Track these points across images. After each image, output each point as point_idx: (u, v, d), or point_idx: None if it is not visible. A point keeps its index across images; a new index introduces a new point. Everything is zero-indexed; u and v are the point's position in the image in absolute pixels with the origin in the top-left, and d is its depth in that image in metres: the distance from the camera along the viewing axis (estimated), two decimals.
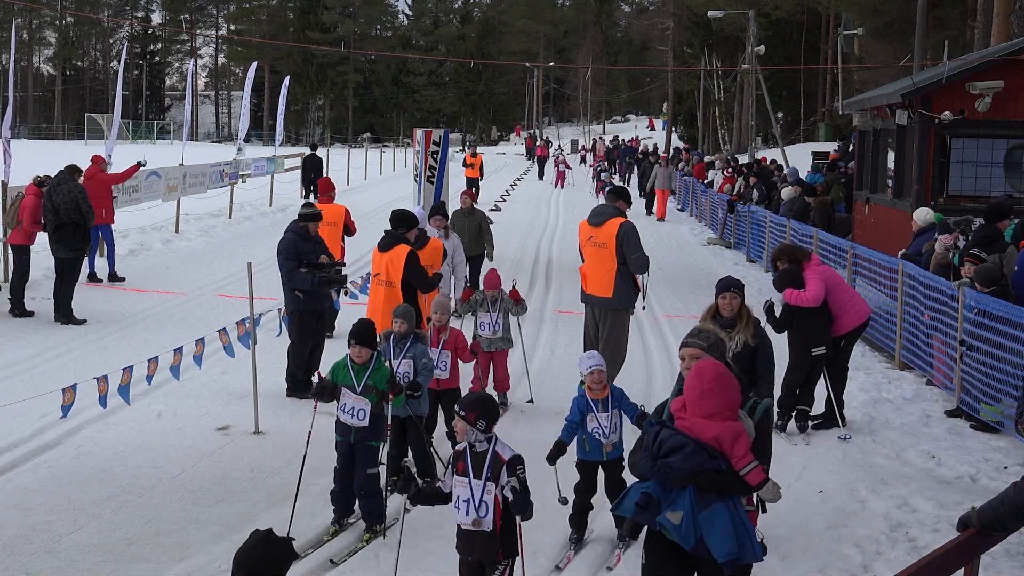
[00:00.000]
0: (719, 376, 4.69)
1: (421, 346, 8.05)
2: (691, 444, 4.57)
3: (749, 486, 4.66)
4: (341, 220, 13.57)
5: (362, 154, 48.12)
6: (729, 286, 7.79)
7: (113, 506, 7.63)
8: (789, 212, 19.64)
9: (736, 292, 7.76)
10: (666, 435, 4.64)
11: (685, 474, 4.56)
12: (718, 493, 4.56)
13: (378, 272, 9.66)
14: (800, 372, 9.68)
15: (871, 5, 38.24)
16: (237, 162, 28.61)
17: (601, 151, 57.88)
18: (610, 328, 10.20)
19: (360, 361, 7.18)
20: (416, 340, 8.05)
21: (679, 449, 4.58)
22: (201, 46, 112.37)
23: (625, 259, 9.95)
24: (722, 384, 4.68)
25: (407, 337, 8.02)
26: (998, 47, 18.42)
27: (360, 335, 7.20)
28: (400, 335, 8.03)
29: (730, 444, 4.61)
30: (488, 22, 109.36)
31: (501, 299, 10.37)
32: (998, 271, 10.16)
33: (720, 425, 4.62)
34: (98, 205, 16.75)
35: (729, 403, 4.68)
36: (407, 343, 8.00)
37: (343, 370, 7.23)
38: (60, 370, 11.23)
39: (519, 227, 27.25)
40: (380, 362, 7.29)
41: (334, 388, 7.19)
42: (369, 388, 7.16)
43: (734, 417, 4.69)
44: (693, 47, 64.88)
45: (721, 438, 4.61)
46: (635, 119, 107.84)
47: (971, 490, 8.15)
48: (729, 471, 4.60)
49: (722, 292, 7.78)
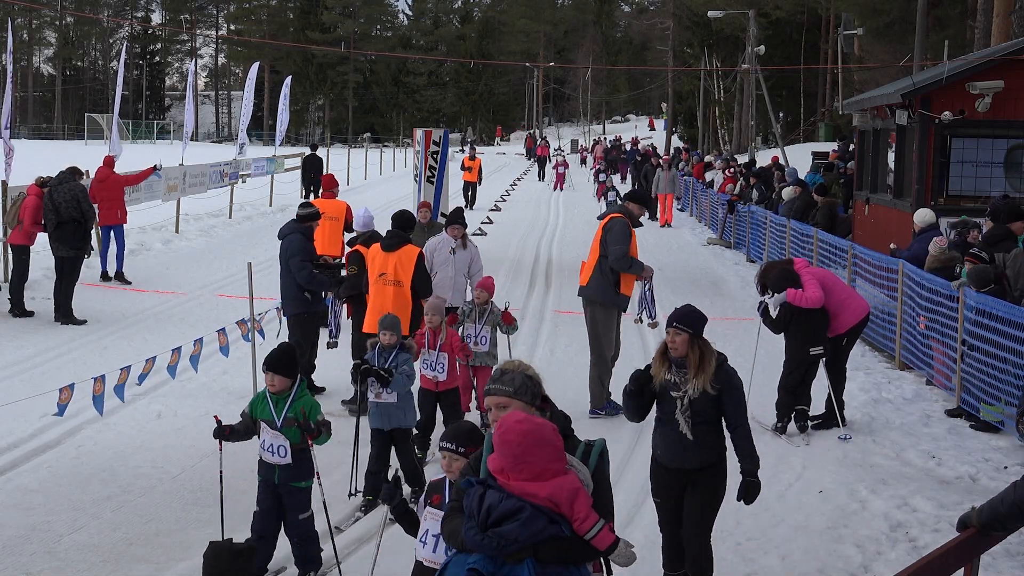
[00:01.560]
0: (526, 434, 3.89)
1: (405, 355, 7.86)
2: (528, 509, 3.83)
3: (597, 551, 3.97)
4: (343, 215, 13.94)
5: (362, 154, 48.11)
6: (673, 320, 6.16)
7: (113, 506, 7.63)
8: (789, 212, 19.64)
9: (681, 328, 6.09)
10: (495, 498, 3.86)
11: (523, 545, 3.82)
12: (562, 564, 3.91)
13: (383, 272, 9.65)
14: (797, 373, 9.68)
15: (871, 5, 38.22)
16: (237, 162, 28.61)
17: (599, 152, 56.29)
18: (589, 323, 10.40)
19: (276, 391, 6.46)
20: (402, 351, 7.84)
21: (514, 515, 3.83)
22: (201, 46, 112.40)
23: (607, 252, 10.12)
24: (533, 440, 3.89)
25: (393, 348, 7.82)
26: (998, 47, 18.42)
27: (274, 362, 6.47)
28: (387, 346, 7.82)
29: (568, 504, 3.90)
30: (488, 22, 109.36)
31: (490, 311, 9.81)
32: (990, 272, 10.17)
33: (552, 483, 3.89)
34: (112, 206, 16.84)
35: (551, 456, 3.93)
36: (392, 354, 7.79)
37: (262, 403, 6.55)
38: (60, 370, 11.23)
39: (519, 227, 27.25)
40: (302, 391, 6.57)
41: (252, 425, 6.54)
42: (290, 421, 6.44)
43: (563, 467, 3.96)
44: (693, 47, 64.88)
45: (556, 498, 3.88)
46: (635, 119, 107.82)
47: (971, 490, 8.14)
48: (574, 537, 3.90)
49: (668, 326, 6.20)
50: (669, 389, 6.09)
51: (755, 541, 7.22)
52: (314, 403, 6.58)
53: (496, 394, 4.42)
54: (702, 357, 6.05)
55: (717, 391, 6.00)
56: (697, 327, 6.13)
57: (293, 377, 6.49)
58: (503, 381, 4.43)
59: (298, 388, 6.51)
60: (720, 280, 19.54)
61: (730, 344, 13.48)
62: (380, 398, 7.70)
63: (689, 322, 6.14)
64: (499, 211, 31.33)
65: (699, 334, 6.11)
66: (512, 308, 15.94)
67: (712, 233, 27.05)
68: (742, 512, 7.72)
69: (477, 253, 11.22)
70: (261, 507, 6.58)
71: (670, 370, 6.10)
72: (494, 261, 20.49)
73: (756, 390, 10.08)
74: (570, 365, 12.01)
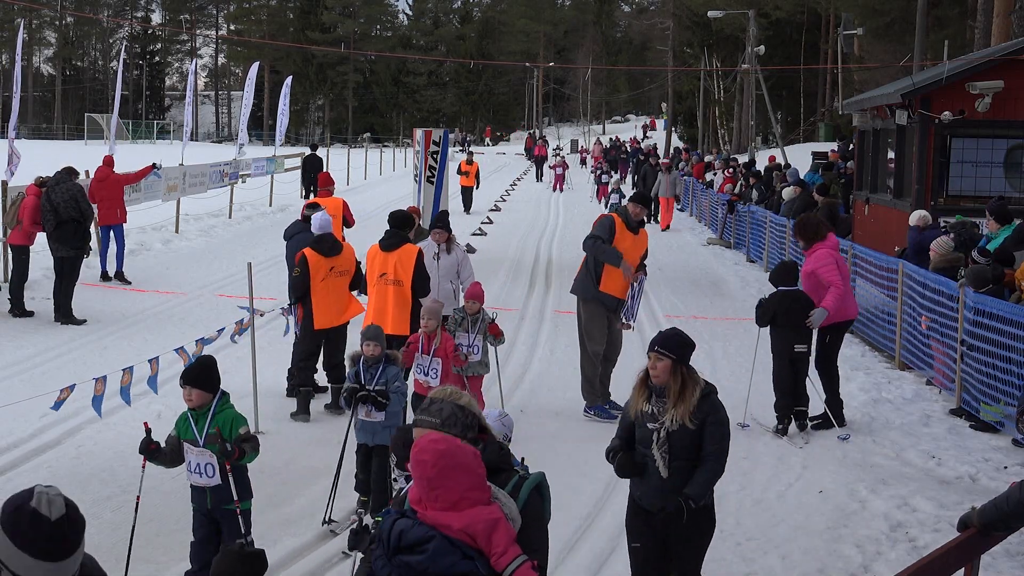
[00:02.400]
0: (441, 455, 3.57)
1: (394, 369, 7.56)
2: (437, 539, 3.52)
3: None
4: (339, 212, 14.29)
5: (362, 154, 48.11)
6: (655, 343, 5.54)
7: (113, 506, 7.63)
8: (789, 212, 19.64)
9: (663, 353, 5.44)
10: (405, 524, 3.59)
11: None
12: None
13: (384, 272, 9.65)
14: (785, 370, 9.69)
15: (871, 5, 38.24)
16: (237, 162, 28.62)
17: (597, 152, 55.39)
18: (577, 318, 10.50)
19: (194, 406, 6.06)
20: (388, 363, 7.54)
21: (422, 544, 3.53)
22: (201, 46, 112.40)
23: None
24: (449, 463, 3.56)
25: (379, 361, 7.51)
26: (998, 47, 18.42)
27: (192, 375, 6.09)
28: (372, 359, 7.52)
29: (485, 537, 3.55)
30: (488, 22, 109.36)
31: (482, 319, 9.42)
32: (988, 272, 10.19)
33: (468, 513, 3.56)
34: (112, 205, 16.87)
35: (470, 481, 3.59)
36: (379, 367, 7.49)
37: (184, 422, 6.15)
38: (60, 370, 11.23)
39: (519, 227, 27.26)
40: (223, 404, 6.13)
41: (179, 448, 6.11)
42: (212, 437, 6.01)
43: (485, 497, 3.63)
44: (693, 47, 64.88)
45: (472, 529, 3.55)
46: (635, 119, 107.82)
47: (971, 490, 8.14)
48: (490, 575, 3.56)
49: (650, 349, 5.57)
50: (646, 420, 5.49)
51: (755, 541, 7.22)
52: (236, 416, 6.14)
53: (421, 425, 4.05)
54: (683, 386, 5.42)
55: (697, 425, 5.39)
56: (681, 353, 5.46)
57: (213, 391, 6.08)
58: (430, 411, 4.07)
59: (219, 401, 6.10)
60: (720, 280, 19.54)
61: (730, 344, 13.49)
62: (370, 416, 7.47)
63: (672, 346, 5.48)
64: (499, 211, 31.33)
65: (683, 360, 5.46)
66: (512, 308, 15.99)
67: (712, 233, 27.05)
68: (742, 512, 7.73)
69: (465, 257, 10.63)
70: (197, 536, 6.20)
71: (649, 399, 5.49)
72: (494, 261, 20.51)
73: (756, 389, 10.12)
74: (570, 365, 12.01)
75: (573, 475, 8.40)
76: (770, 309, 9.75)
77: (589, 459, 8.73)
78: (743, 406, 10.10)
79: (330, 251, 9.94)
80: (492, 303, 16.00)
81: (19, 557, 2.57)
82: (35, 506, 2.62)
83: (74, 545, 2.64)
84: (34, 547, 2.57)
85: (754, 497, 8.03)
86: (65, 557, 2.61)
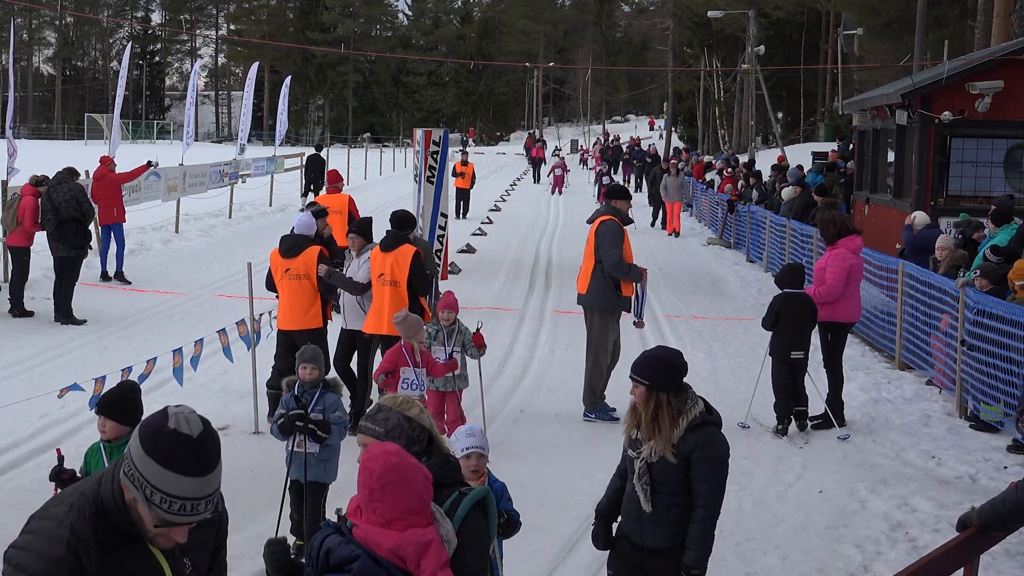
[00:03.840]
0: (391, 468, 3.41)
1: (333, 397, 6.79)
2: (363, 559, 3.38)
3: None
4: (346, 208, 15.09)
5: (362, 154, 48.11)
6: (635, 368, 4.90)
7: None
8: (789, 212, 19.65)
9: (636, 380, 4.85)
10: (333, 542, 3.44)
11: None
12: None
13: (382, 272, 9.66)
14: (781, 372, 9.68)
15: (871, 5, 38.23)
16: (237, 162, 28.62)
17: (595, 152, 53.70)
18: (589, 329, 10.29)
19: (108, 438, 5.44)
20: (327, 390, 6.79)
21: (347, 564, 3.39)
22: (201, 46, 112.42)
23: (601, 258, 10.07)
24: (396, 478, 3.39)
25: (316, 386, 6.77)
26: (998, 47, 18.43)
27: (108, 404, 5.45)
28: (309, 383, 6.78)
29: (414, 559, 3.39)
30: (488, 22, 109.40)
31: (458, 330, 8.87)
32: (998, 270, 10.19)
33: (400, 535, 3.39)
34: (109, 204, 16.89)
35: (411, 503, 3.41)
36: (316, 393, 6.74)
37: (95, 453, 5.58)
38: (60, 370, 11.23)
39: (519, 228, 27.25)
40: None
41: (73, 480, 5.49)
42: None
43: (423, 521, 3.44)
44: (693, 47, 64.88)
45: (401, 551, 3.38)
46: (635, 119, 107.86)
47: (971, 490, 8.14)
48: None
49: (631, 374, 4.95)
50: (631, 447, 4.96)
51: (755, 541, 7.22)
52: None
53: (364, 432, 3.84)
54: (655, 416, 4.77)
55: (682, 460, 4.76)
56: (655, 378, 4.79)
57: (130, 423, 5.27)
58: (376, 419, 3.85)
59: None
60: (720, 280, 19.53)
61: (730, 344, 13.49)
62: (300, 447, 6.69)
63: (647, 371, 4.83)
64: (499, 211, 31.32)
65: (659, 387, 4.78)
66: (512, 308, 15.99)
67: (712, 233, 27.05)
68: (742, 512, 7.73)
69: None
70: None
71: (637, 426, 4.92)
72: (494, 262, 20.53)
73: (759, 389, 10.12)
74: (569, 365, 12.01)
75: (573, 475, 8.40)
76: (774, 311, 9.74)
77: (589, 459, 8.73)
78: (744, 406, 10.11)
79: (287, 252, 9.76)
80: (492, 303, 16.03)
81: (168, 477, 2.64)
82: (174, 426, 2.69)
83: (216, 459, 2.73)
84: (181, 465, 2.65)
85: (754, 497, 8.03)
86: (211, 471, 2.71)
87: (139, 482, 2.69)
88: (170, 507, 2.67)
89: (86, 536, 2.73)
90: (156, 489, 2.67)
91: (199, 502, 2.70)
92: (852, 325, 10.47)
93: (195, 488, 2.68)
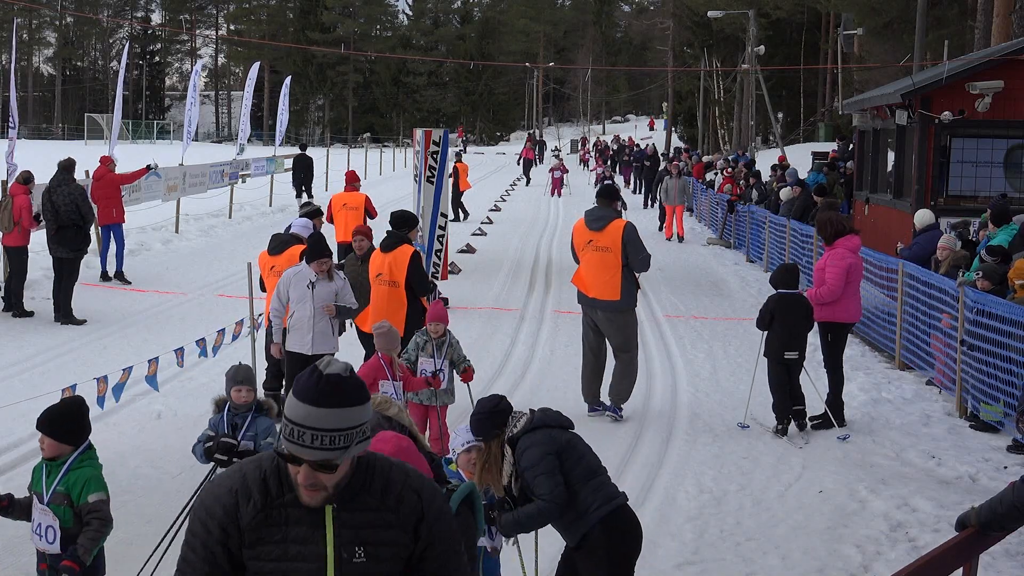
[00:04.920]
0: (403, 452, 3.57)
1: (266, 422, 6.32)
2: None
3: None
4: (362, 205, 16.23)
5: (362, 154, 48.12)
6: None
7: (113, 506, 7.60)
8: (789, 212, 19.65)
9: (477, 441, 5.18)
10: None
11: None
12: None
13: (380, 272, 9.66)
14: (778, 373, 9.67)
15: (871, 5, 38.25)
16: (237, 162, 28.62)
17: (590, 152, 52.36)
18: (619, 331, 10.17)
19: (48, 456, 5.07)
20: (259, 413, 6.32)
21: None
22: (201, 46, 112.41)
23: (628, 260, 9.99)
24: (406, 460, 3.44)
25: (249, 409, 6.29)
26: (998, 47, 18.43)
27: (47, 420, 5.06)
28: (241, 406, 6.29)
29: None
30: (488, 22, 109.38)
31: (448, 343, 8.37)
32: (1000, 271, 10.20)
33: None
34: (108, 205, 16.86)
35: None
36: (248, 418, 6.27)
37: (37, 471, 5.18)
38: (60, 370, 11.23)
39: (519, 227, 27.24)
40: (84, 460, 5.12)
41: (29, 501, 5.18)
42: (58, 497, 5.01)
43: None
44: (693, 47, 64.91)
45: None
46: (635, 119, 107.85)
47: (971, 490, 8.14)
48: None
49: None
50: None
51: (755, 541, 7.22)
52: (92, 479, 5.07)
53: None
54: (489, 461, 5.11)
55: (509, 480, 5.12)
56: (484, 432, 5.14)
57: (72, 443, 5.04)
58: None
59: (78, 456, 5.07)
60: (720, 280, 19.54)
61: (730, 344, 13.50)
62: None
63: (476, 430, 5.18)
64: (498, 211, 31.32)
65: (489, 437, 5.12)
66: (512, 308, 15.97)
67: (712, 233, 27.04)
68: (742, 512, 7.73)
69: (345, 286, 9.19)
70: None
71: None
72: (494, 261, 20.54)
73: (757, 389, 10.12)
74: (569, 365, 12.01)
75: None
76: (768, 311, 9.75)
77: None
78: (743, 406, 10.11)
79: (273, 250, 10.03)
80: (492, 303, 16.05)
81: (291, 402, 2.80)
82: (316, 364, 2.85)
83: (341, 400, 2.78)
84: (301, 391, 2.80)
85: (754, 497, 8.03)
86: (329, 406, 2.77)
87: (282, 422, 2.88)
88: (289, 432, 2.78)
89: (253, 483, 2.89)
90: (284, 417, 2.83)
91: (305, 432, 2.74)
92: (852, 325, 10.47)
93: (305, 414, 2.76)
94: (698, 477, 8.48)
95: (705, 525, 7.47)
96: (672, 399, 10.95)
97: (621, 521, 5.10)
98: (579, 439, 5.30)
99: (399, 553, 2.92)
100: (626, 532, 5.12)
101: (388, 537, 2.91)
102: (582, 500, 5.06)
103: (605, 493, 5.11)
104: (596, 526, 5.05)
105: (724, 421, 10.11)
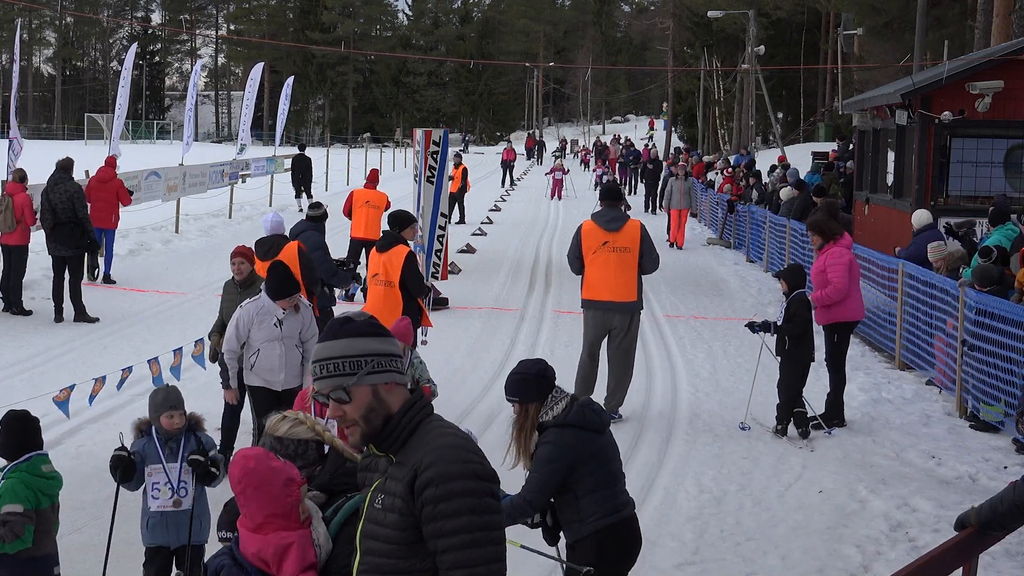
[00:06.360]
0: (249, 473, 3.37)
1: (206, 436, 5.96)
2: (227, 567, 3.41)
3: None
4: (383, 204, 16.35)
5: (362, 154, 48.11)
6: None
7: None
8: (789, 212, 19.65)
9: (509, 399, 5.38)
10: (217, 563, 3.47)
11: None
12: None
13: (376, 272, 9.66)
14: (800, 377, 9.60)
15: (871, 5, 38.23)
16: (237, 162, 28.62)
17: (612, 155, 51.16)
18: (627, 332, 10.17)
19: None
20: (192, 433, 5.84)
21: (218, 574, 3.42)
22: (201, 46, 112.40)
23: (642, 260, 10.04)
24: (256, 482, 3.37)
25: (182, 432, 5.80)
26: (998, 47, 18.42)
27: None
28: (174, 432, 5.78)
29: (276, 563, 3.35)
30: (488, 22, 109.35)
31: (411, 363, 7.92)
32: (995, 271, 10.19)
33: (263, 538, 3.37)
34: (107, 209, 16.67)
35: (274, 507, 3.37)
36: (181, 441, 5.78)
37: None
38: (60, 370, 11.23)
39: (519, 227, 27.24)
40: (12, 473, 5.06)
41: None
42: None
43: (290, 524, 3.39)
44: (693, 47, 64.90)
45: (264, 555, 3.36)
46: (635, 119, 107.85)
47: (971, 490, 8.14)
48: None
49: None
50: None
51: (755, 541, 7.22)
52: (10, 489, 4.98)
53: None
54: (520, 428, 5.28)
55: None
56: (523, 394, 5.25)
57: (7, 455, 4.97)
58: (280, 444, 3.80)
59: (10, 469, 5.00)
60: (720, 280, 19.54)
61: (730, 344, 13.49)
62: (180, 506, 5.78)
63: (514, 390, 5.30)
64: (498, 211, 31.32)
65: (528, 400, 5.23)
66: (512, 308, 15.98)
67: (712, 233, 27.03)
68: (742, 512, 7.73)
69: (310, 317, 8.22)
70: None
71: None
72: (494, 262, 20.54)
73: (757, 389, 10.12)
74: (569, 365, 11.97)
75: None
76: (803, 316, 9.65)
77: None
78: (743, 406, 10.11)
79: (264, 256, 9.98)
80: (492, 303, 16.05)
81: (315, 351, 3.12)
82: (348, 313, 3.20)
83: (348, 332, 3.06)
84: (322, 337, 3.13)
85: (754, 497, 8.03)
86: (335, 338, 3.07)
87: None
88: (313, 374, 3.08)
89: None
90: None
91: (317, 365, 3.04)
92: (857, 324, 10.43)
93: (319, 350, 3.06)
94: (698, 477, 8.47)
95: (705, 525, 7.47)
96: (672, 399, 10.95)
97: (615, 536, 5.03)
98: (610, 445, 5.18)
99: (401, 509, 2.98)
100: (616, 548, 5.04)
101: (396, 490, 3.00)
102: (583, 507, 5.02)
103: (610, 505, 5.03)
104: (589, 536, 5.01)
105: (724, 421, 10.10)
